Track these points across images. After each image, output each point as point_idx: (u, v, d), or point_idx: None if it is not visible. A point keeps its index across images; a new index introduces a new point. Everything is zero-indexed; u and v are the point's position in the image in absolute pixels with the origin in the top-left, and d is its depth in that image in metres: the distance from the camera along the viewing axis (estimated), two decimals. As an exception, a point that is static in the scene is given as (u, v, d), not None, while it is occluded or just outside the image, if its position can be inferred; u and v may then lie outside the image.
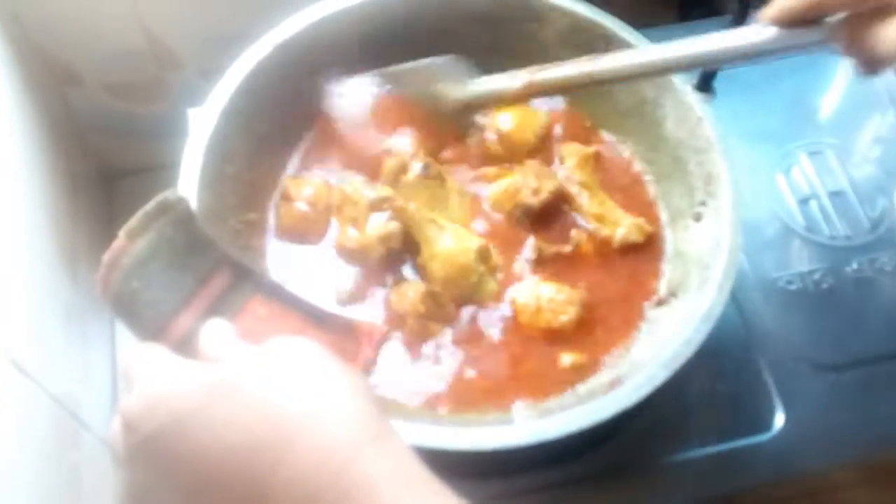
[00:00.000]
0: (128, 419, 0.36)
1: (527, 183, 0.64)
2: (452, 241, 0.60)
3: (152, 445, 0.34)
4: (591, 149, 0.68)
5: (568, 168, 0.67)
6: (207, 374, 0.36)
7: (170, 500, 0.34)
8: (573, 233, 0.64)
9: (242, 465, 0.32)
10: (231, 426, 0.33)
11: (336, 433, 0.33)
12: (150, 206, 0.43)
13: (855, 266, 0.73)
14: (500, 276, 0.62)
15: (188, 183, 0.57)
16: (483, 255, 0.61)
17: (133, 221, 0.43)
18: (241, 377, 0.35)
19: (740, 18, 0.64)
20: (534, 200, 0.64)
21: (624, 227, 0.64)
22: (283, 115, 0.66)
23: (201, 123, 0.60)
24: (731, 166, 0.61)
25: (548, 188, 0.65)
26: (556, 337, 0.60)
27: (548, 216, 0.65)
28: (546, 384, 0.58)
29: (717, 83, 0.75)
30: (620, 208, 0.66)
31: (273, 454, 0.32)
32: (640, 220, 0.65)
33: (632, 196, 0.68)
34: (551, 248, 0.64)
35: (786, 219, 0.75)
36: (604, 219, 0.65)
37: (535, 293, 0.61)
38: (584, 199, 0.66)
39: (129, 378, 0.38)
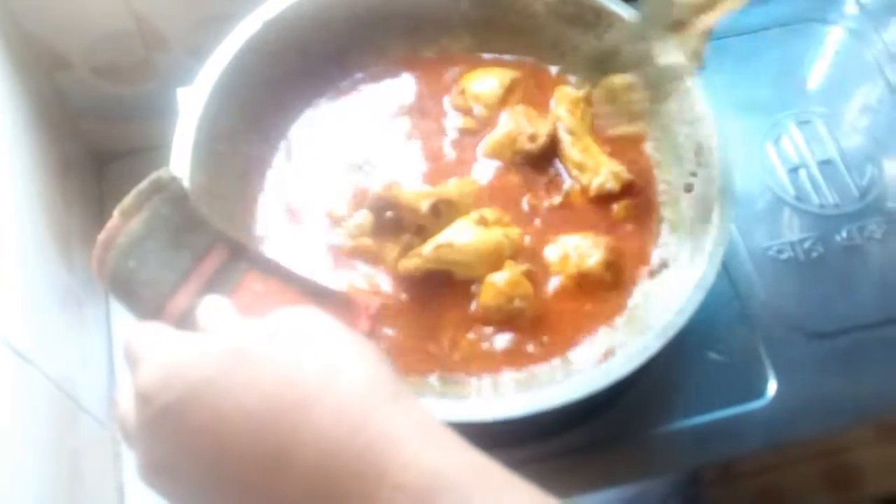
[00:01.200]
0: (142, 392, 0.35)
1: (521, 129, 0.65)
2: (479, 247, 0.59)
3: (170, 416, 0.34)
4: (581, 92, 0.67)
5: (558, 112, 0.66)
6: (221, 342, 0.36)
7: (189, 469, 0.34)
8: (567, 185, 0.65)
9: (262, 431, 0.33)
10: (249, 392, 0.33)
11: (353, 392, 0.33)
12: (143, 184, 0.43)
13: (844, 234, 0.73)
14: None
15: (180, 163, 0.57)
16: (484, 221, 0.61)
17: (127, 200, 0.43)
18: (255, 343, 0.35)
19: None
20: (532, 146, 0.65)
21: (601, 175, 0.64)
22: (274, 93, 0.66)
23: (191, 103, 0.60)
24: (721, 136, 0.61)
25: (544, 132, 0.65)
26: (589, 282, 0.61)
27: (545, 161, 0.66)
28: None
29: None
30: (605, 155, 0.66)
31: (292, 417, 0.32)
32: (620, 169, 0.64)
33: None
34: (542, 202, 0.64)
35: (775, 188, 0.75)
36: (584, 167, 0.65)
37: (561, 243, 0.62)
38: (566, 145, 0.65)
39: (133, 356, 0.38)
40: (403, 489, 0.31)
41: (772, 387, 0.66)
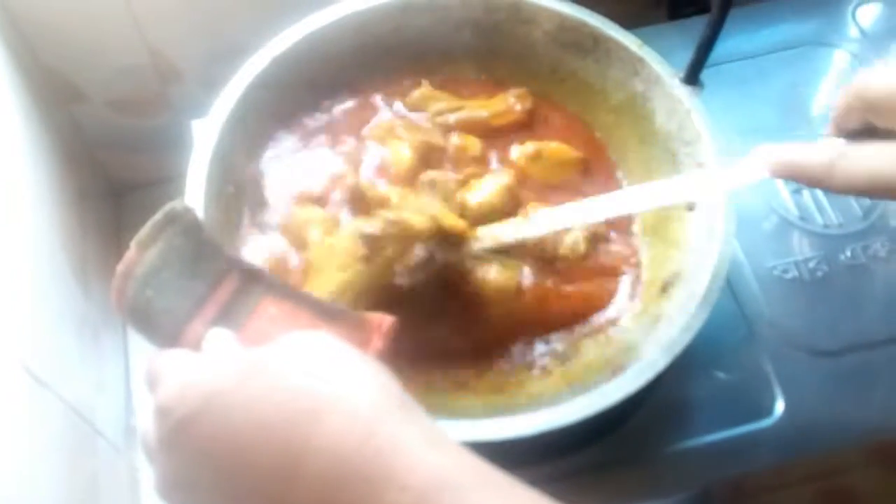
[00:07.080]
0: (161, 406, 0.37)
1: None
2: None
3: (187, 428, 0.35)
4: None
5: None
6: (236, 358, 0.37)
7: (206, 481, 0.35)
8: None
9: (274, 441, 0.34)
10: (262, 404, 0.34)
11: (362, 402, 0.34)
12: (158, 216, 0.45)
13: (849, 253, 0.73)
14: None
15: (194, 194, 0.59)
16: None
17: (143, 232, 0.44)
18: (269, 359, 0.36)
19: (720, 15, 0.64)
20: None
21: None
22: (285, 125, 0.68)
23: (205, 135, 0.61)
24: (722, 154, 0.62)
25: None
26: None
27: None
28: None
29: (706, 77, 0.76)
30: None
31: (303, 427, 0.34)
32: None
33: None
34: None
35: (779, 209, 0.76)
36: None
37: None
38: None
39: (153, 377, 0.39)
40: (408, 490, 0.32)
41: (779, 405, 0.66)
